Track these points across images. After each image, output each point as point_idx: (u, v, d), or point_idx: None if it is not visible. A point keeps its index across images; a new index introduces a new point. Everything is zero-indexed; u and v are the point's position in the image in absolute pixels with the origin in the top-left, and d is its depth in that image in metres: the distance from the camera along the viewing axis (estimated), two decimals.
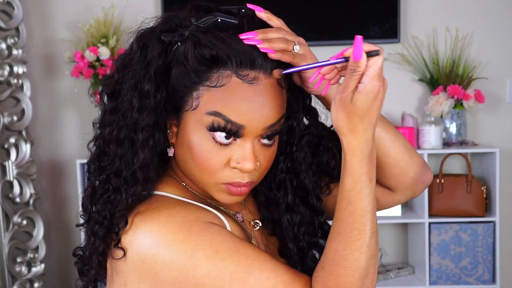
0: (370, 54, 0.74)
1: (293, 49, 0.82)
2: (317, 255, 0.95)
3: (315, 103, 0.94)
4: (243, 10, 0.84)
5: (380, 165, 0.95)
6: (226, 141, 0.81)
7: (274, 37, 0.81)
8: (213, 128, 0.80)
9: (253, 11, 0.85)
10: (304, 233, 0.95)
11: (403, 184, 0.97)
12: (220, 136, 0.80)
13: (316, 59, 0.85)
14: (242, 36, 0.80)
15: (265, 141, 0.83)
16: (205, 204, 0.87)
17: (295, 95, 0.89)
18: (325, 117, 0.95)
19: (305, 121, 0.94)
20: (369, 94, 0.73)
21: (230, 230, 0.84)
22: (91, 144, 0.87)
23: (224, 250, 0.77)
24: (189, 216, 0.80)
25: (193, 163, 0.82)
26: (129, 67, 0.83)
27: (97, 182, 0.85)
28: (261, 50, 0.79)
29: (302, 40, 0.86)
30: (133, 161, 0.81)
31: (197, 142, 0.81)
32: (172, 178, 0.89)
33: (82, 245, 0.90)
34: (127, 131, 0.82)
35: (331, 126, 0.97)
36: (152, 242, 0.78)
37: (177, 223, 0.78)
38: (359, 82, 0.74)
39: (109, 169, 0.83)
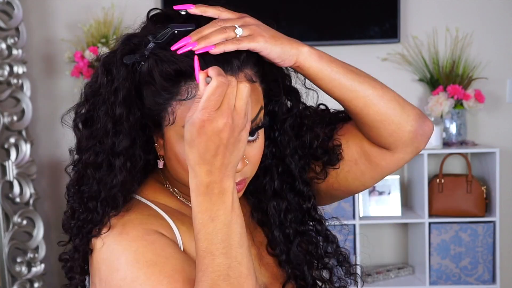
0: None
1: (236, 34, 0.78)
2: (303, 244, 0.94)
3: (295, 83, 0.90)
4: (183, 13, 0.81)
5: (372, 125, 0.90)
6: None
7: (210, 32, 0.77)
8: None
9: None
10: (291, 221, 0.93)
11: (402, 140, 0.91)
12: None
13: (271, 29, 0.81)
14: (175, 47, 0.76)
15: (249, 137, 0.81)
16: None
17: (274, 78, 0.86)
18: (305, 96, 0.92)
19: (288, 104, 0.90)
20: (192, 125, 0.69)
21: (181, 243, 0.83)
22: (70, 169, 0.90)
23: (144, 260, 0.77)
24: (135, 220, 0.82)
25: (184, 173, 0.81)
26: (98, 95, 0.83)
27: (77, 204, 0.87)
28: (198, 52, 0.75)
29: (246, 19, 0.80)
30: (112, 183, 0.83)
31: (183, 153, 0.79)
32: (154, 180, 0.90)
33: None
34: (105, 155, 0.83)
35: (318, 105, 0.95)
36: (101, 240, 0.82)
37: (122, 225, 0.81)
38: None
39: (87, 192, 0.85)
